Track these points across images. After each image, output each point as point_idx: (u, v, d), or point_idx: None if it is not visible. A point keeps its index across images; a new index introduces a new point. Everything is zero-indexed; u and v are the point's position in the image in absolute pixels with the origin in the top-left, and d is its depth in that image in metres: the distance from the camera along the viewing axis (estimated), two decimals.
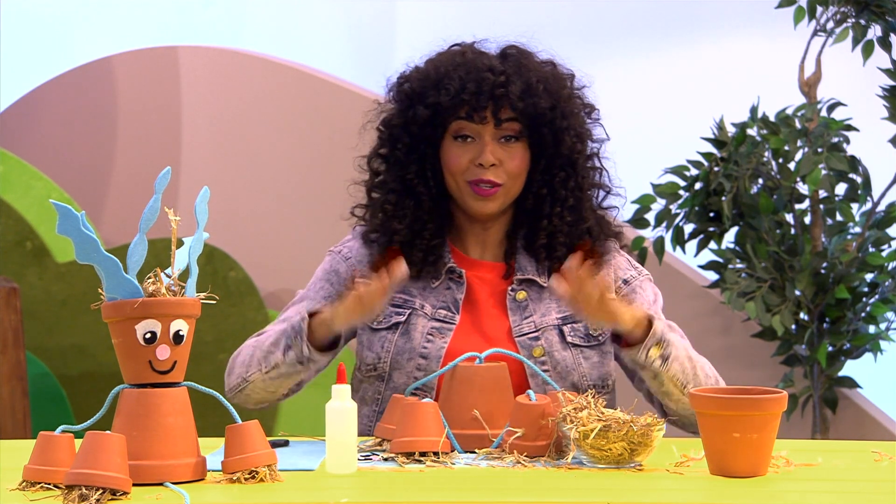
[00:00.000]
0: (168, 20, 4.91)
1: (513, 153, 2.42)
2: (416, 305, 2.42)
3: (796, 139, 3.76)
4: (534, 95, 2.40)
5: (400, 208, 2.44)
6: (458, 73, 2.40)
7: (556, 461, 1.97)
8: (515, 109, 2.40)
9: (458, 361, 2.15)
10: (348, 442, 1.88)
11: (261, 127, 4.53)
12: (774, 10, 3.87)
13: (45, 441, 1.82)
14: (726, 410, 1.84)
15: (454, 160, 2.42)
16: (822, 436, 3.85)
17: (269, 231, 4.50)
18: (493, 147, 2.40)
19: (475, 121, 2.40)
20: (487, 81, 2.39)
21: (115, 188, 4.62)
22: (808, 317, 3.83)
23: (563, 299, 2.29)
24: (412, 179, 2.44)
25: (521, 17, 4.32)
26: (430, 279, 2.45)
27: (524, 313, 2.41)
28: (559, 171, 2.45)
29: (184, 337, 1.83)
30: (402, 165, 2.45)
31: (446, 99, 2.39)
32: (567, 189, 2.45)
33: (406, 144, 2.45)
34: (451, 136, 2.43)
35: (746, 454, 1.84)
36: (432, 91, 2.41)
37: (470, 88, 2.38)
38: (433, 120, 2.42)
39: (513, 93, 2.39)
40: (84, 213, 1.81)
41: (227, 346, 4.33)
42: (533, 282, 2.44)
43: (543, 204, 2.45)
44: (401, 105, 2.46)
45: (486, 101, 2.39)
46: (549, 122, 2.41)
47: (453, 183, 2.44)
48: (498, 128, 2.40)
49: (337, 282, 2.48)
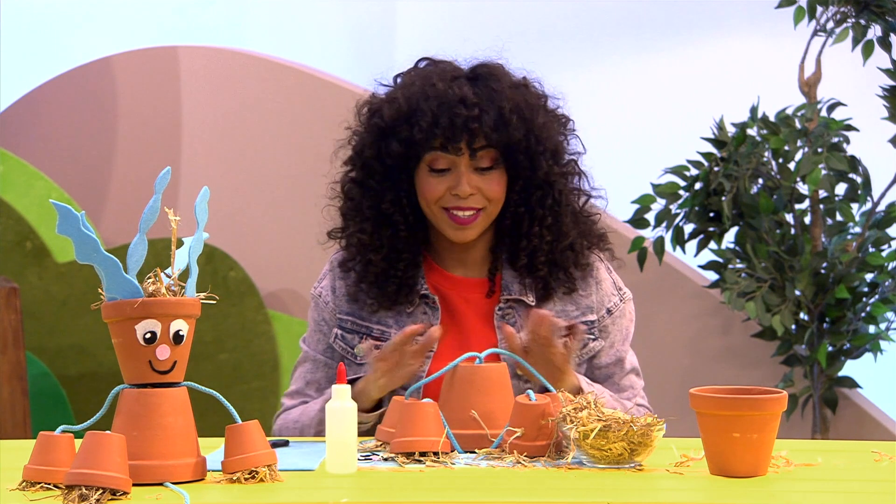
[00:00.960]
0: (168, 20, 4.91)
1: (489, 180, 2.39)
2: (392, 334, 2.40)
3: (796, 139, 3.76)
4: (507, 125, 2.36)
5: (377, 239, 2.42)
6: (429, 107, 2.36)
7: (556, 461, 1.97)
8: (490, 140, 2.37)
9: (458, 362, 2.14)
10: (348, 442, 1.88)
11: (261, 127, 4.53)
12: (774, 10, 3.87)
13: (45, 441, 1.82)
14: (726, 410, 1.83)
15: (430, 190, 2.39)
16: (822, 436, 3.85)
17: (269, 231, 4.50)
18: (469, 177, 2.37)
19: (450, 151, 2.37)
20: (460, 116, 2.34)
21: (115, 188, 4.62)
22: (808, 317, 3.83)
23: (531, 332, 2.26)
24: (387, 208, 2.42)
25: (520, 17, 4.32)
26: (404, 305, 2.43)
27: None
28: (536, 190, 2.42)
29: (184, 337, 1.83)
30: (376, 194, 2.42)
31: (420, 136, 2.36)
32: (545, 208, 2.42)
33: (380, 174, 2.42)
34: (426, 167, 2.39)
35: (746, 454, 1.84)
36: (404, 126, 2.38)
37: (443, 123, 2.35)
38: (406, 153, 2.39)
39: (486, 124, 2.35)
40: (84, 213, 1.81)
41: (227, 346, 4.33)
42: (520, 301, 2.43)
43: (522, 223, 2.42)
44: (372, 137, 2.42)
45: (461, 135, 2.35)
46: (524, 149, 2.39)
47: (429, 211, 2.41)
48: (473, 158, 2.37)
49: (327, 330, 2.47)
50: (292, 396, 2.49)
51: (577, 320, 2.42)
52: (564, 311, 2.43)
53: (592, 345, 2.44)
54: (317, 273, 2.56)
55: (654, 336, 4.09)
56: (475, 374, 2.12)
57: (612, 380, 2.46)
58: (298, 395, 2.48)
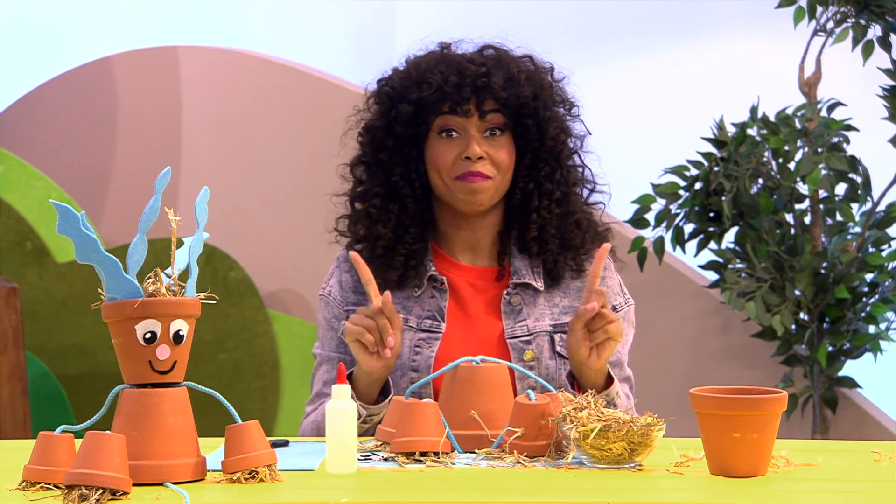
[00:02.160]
0: (168, 20, 4.91)
1: (499, 146, 2.41)
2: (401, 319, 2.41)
3: (796, 139, 3.76)
4: (516, 84, 2.40)
5: (384, 212, 2.44)
6: (438, 69, 2.41)
7: (556, 461, 1.97)
8: (499, 100, 2.40)
9: (458, 364, 2.14)
10: (348, 442, 1.88)
11: (261, 127, 4.53)
12: (774, 10, 3.87)
13: (45, 441, 1.82)
14: (726, 410, 1.84)
15: (441, 157, 2.41)
16: (822, 436, 3.85)
17: (269, 231, 4.50)
18: (479, 140, 2.40)
19: (459, 114, 2.39)
20: (469, 73, 2.39)
21: (115, 188, 4.62)
22: (808, 317, 3.83)
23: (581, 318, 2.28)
24: (397, 181, 2.43)
25: (520, 17, 4.32)
26: (412, 288, 2.44)
27: (518, 317, 2.42)
28: (544, 165, 2.45)
29: (184, 337, 1.83)
30: (386, 168, 2.44)
31: (429, 93, 2.39)
32: (553, 182, 2.45)
33: (389, 147, 2.44)
34: (436, 133, 2.42)
35: (746, 454, 1.84)
36: (414, 88, 2.41)
37: (452, 80, 2.38)
38: (416, 118, 2.42)
39: (495, 83, 2.39)
40: (84, 213, 1.81)
41: (227, 346, 4.33)
42: (528, 286, 2.44)
43: (531, 198, 2.45)
44: (382, 106, 2.46)
45: (469, 93, 2.39)
46: (532, 111, 2.42)
47: (440, 182, 2.42)
48: (482, 120, 2.40)
49: (338, 325, 2.47)
50: (312, 402, 2.48)
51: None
52: (572, 306, 2.44)
53: None
54: (317, 273, 2.56)
55: (654, 336, 4.09)
56: (475, 374, 2.12)
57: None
58: (318, 398, 2.47)
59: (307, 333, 4.32)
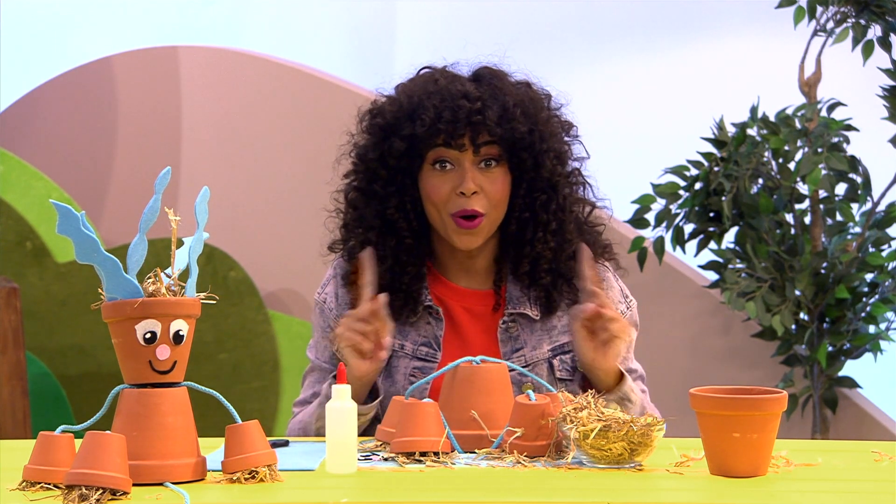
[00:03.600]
0: (168, 20, 4.91)
1: (493, 178, 2.37)
2: (396, 346, 2.38)
3: (796, 139, 3.76)
4: (511, 120, 2.35)
5: (381, 249, 2.39)
6: (432, 102, 2.34)
7: (556, 461, 1.97)
8: (493, 135, 2.35)
9: (458, 364, 2.14)
10: (348, 442, 1.88)
11: (261, 127, 4.53)
12: (774, 10, 3.87)
13: (45, 441, 1.82)
14: (726, 410, 1.84)
15: (435, 191, 2.36)
16: (822, 436, 3.85)
17: (269, 231, 4.50)
18: (473, 174, 2.35)
19: (453, 147, 2.35)
20: (463, 109, 2.33)
21: (115, 188, 4.62)
22: (808, 317, 3.83)
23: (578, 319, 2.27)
24: (392, 214, 2.39)
25: (520, 17, 4.32)
26: (408, 315, 2.41)
27: (515, 344, 2.39)
28: (540, 194, 2.40)
29: (184, 337, 1.83)
30: (381, 200, 2.40)
31: (422, 130, 2.34)
32: (549, 213, 2.40)
33: (384, 178, 2.39)
34: (430, 165, 2.37)
35: (747, 454, 1.84)
36: (407, 122, 2.36)
37: (446, 117, 2.33)
38: (410, 150, 2.37)
39: (490, 118, 2.33)
40: (84, 213, 1.81)
41: (227, 346, 4.33)
42: (525, 315, 2.42)
43: (526, 229, 2.40)
44: (375, 138, 2.40)
45: (464, 129, 2.33)
46: (528, 146, 2.37)
47: (436, 216, 2.38)
48: (477, 154, 2.36)
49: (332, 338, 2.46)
50: (300, 405, 2.47)
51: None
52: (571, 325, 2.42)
53: None
54: (317, 273, 2.55)
55: (654, 336, 4.09)
56: (475, 374, 2.12)
57: None
58: (305, 403, 2.46)
59: (307, 333, 4.32)
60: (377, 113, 2.42)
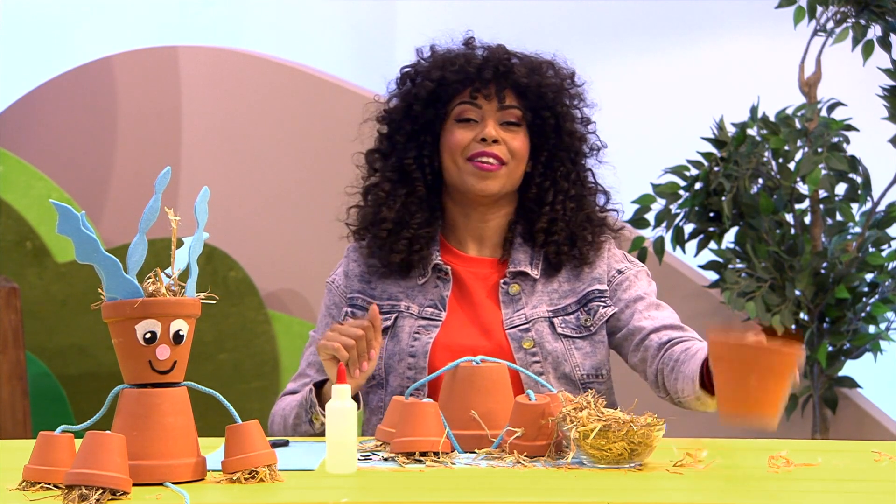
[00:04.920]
0: (168, 20, 4.91)
1: (514, 135, 2.45)
2: (402, 308, 2.43)
3: (796, 139, 3.76)
4: (538, 74, 2.44)
5: (391, 196, 2.46)
6: (463, 54, 2.46)
7: (556, 461, 1.97)
8: (519, 89, 2.42)
9: (458, 364, 2.15)
10: (348, 442, 1.88)
11: (261, 127, 4.53)
12: (774, 10, 3.87)
13: (45, 441, 1.82)
14: (744, 356, 1.88)
15: (455, 139, 2.44)
16: (822, 436, 3.85)
17: (269, 231, 4.50)
18: (495, 126, 2.43)
19: (478, 99, 2.42)
20: (493, 58, 2.43)
21: (115, 188, 4.62)
22: (808, 317, 3.83)
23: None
24: (409, 164, 2.46)
25: (520, 17, 4.32)
26: (416, 277, 2.45)
27: (516, 306, 2.43)
28: (560, 164, 2.48)
29: (184, 337, 1.83)
30: (400, 151, 2.48)
31: (451, 71, 2.43)
32: (569, 181, 2.48)
33: (406, 129, 2.47)
34: (453, 120, 2.45)
35: (759, 397, 1.85)
36: (437, 67, 2.46)
37: (475, 62, 2.43)
38: (435, 99, 2.44)
39: (518, 70, 2.43)
40: (84, 213, 1.81)
41: (227, 346, 4.33)
42: (525, 274, 2.45)
43: (546, 194, 2.47)
44: (402, 87, 2.49)
45: (491, 76, 2.43)
46: (551, 104, 2.44)
47: (452, 164, 2.45)
48: (501, 110, 2.43)
49: (337, 313, 2.50)
50: (295, 380, 2.53)
51: (584, 291, 2.44)
52: (573, 289, 2.45)
53: (604, 311, 2.45)
54: (317, 273, 2.58)
55: None
56: (475, 374, 2.13)
57: (638, 310, 2.44)
58: (300, 377, 2.52)
59: (307, 333, 4.31)
60: (408, 66, 2.52)
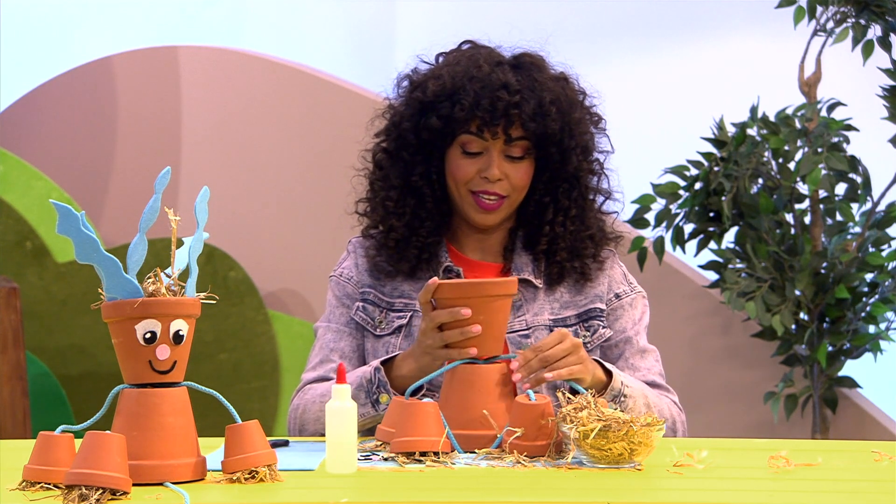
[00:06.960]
0: (168, 20, 4.91)
1: (518, 168, 2.43)
2: (417, 307, 2.43)
3: (796, 139, 3.76)
4: (545, 116, 2.41)
5: (400, 206, 2.46)
6: (473, 87, 2.40)
7: (556, 461, 1.97)
8: (526, 129, 2.41)
9: (458, 364, 2.15)
10: (348, 442, 1.88)
11: (261, 127, 4.53)
12: (774, 10, 3.87)
13: (45, 441, 1.82)
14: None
15: (460, 171, 2.43)
16: (822, 436, 3.85)
17: (269, 231, 4.50)
18: (500, 162, 2.42)
19: (485, 136, 2.42)
20: (502, 101, 2.39)
21: (115, 188, 4.62)
22: (808, 317, 3.83)
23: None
24: (416, 181, 2.46)
25: (520, 18, 4.31)
26: (425, 278, 2.45)
27: (517, 312, 2.43)
28: (562, 183, 2.47)
29: (184, 337, 1.83)
30: (407, 166, 2.47)
31: (460, 113, 2.41)
32: (570, 199, 2.47)
33: (413, 147, 2.46)
34: (459, 147, 2.44)
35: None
36: (446, 103, 2.42)
37: (484, 105, 2.39)
38: (443, 130, 2.44)
39: (525, 112, 2.40)
40: (84, 213, 1.81)
41: (227, 346, 4.33)
42: (528, 282, 2.45)
43: (546, 212, 2.47)
44: (412, 110, 2.47)
45: (499, 119, 2.40)
46: (557, 142, 2.43)
47: (456, 191, 2.46)
48: (506, 145, 2.42)
49: (350, 304, 2.49)
50: (315, 368, 2.46)
51: (586, 307, 2.44)
52: (573, 302, 2.45)
53: (602, 331, 2.45)
54: (317, 273, 2.57)
55: (654, 336, 4.07)
56: (475, 374, 2.13)
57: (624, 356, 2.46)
58: (321, 365, 2.46)
59: (307, 333, 4.32)
60: (417, 86, 2.48)
